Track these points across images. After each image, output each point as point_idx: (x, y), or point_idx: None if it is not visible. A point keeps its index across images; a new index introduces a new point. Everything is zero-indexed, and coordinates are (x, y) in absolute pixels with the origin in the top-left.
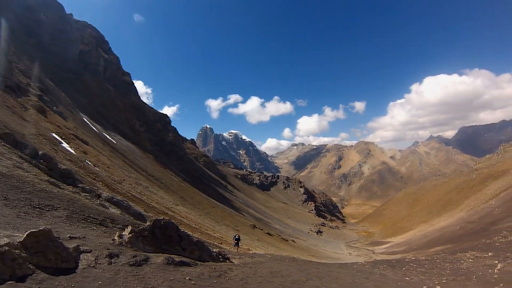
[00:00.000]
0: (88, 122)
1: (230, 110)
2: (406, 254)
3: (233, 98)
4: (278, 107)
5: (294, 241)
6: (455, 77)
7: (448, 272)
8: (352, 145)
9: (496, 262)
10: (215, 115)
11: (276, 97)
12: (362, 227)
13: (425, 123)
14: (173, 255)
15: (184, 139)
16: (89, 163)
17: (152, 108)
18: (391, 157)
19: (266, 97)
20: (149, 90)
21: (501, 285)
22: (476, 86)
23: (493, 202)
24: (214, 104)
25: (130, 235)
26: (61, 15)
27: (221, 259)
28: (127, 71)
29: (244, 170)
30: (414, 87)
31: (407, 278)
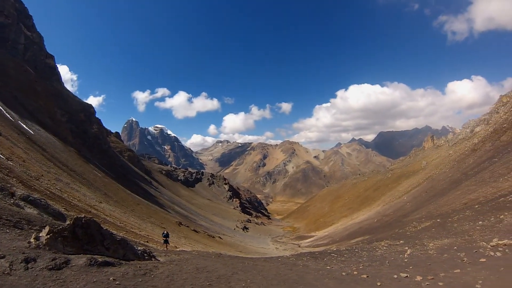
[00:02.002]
0: (1, 108)
1: (157, 103)
2: (329, 246)
3: (161, 91)
4: (205, 103)
5: (220, 238)
6: (377, 87)
7: (364, 259)
8: (277, 144)
9: (406, 248)
10: (141, 108)
11: (204, 93)
12: (287, 222)
13: (348, 126)
14: (96, 256)
15: (109, 132)
16: (1, 156)
17: (76, 97)
18: (315, 157)
19: (194, 92)
20: (74, 77)
21: (410, 267)
22: (394, 97)
23: (405, 198)
24: (142, 97)
25: (48, 236)
26: None
27: (146, 257)
28: (51, 53)
29: (169, 166)
30: (340, 93)
31: (328, 267)
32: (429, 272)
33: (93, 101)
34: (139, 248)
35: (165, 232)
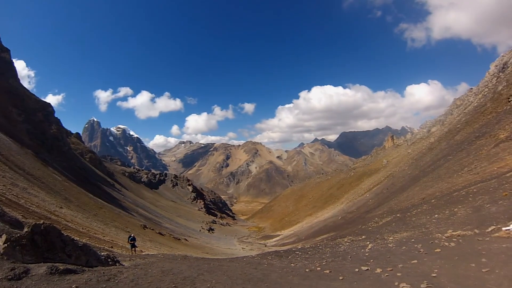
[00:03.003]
0: None
1: (119, 103)
2: (295, 244)
3: (124, 91)
4: (168, 103)
5: (186, 240)
6: (339, 89)
7: (328, 255)
8: (239, 145)
9: (368, 243)
10: (103, 108)
11: (167, 93)
12: (252, 222)
13: (310, 126)
14: (57, 263)
15: (69, 133)
16: None
17: (34, 95)
18: (278, 157)
19: (157, 92)
20: (32, 73)
21: (371, 260)
22: (356, 99)
23: (367, 195)
24: (104, 96)
25: (6, 245)
26: None
27: (110, 263)
28: (7, 47)
29: (132, 167)
30: (303, 94)
31: (292, 264)
32: (389, 264)
33: (52, 99)
34: (102, 253)
35: (131, 236)
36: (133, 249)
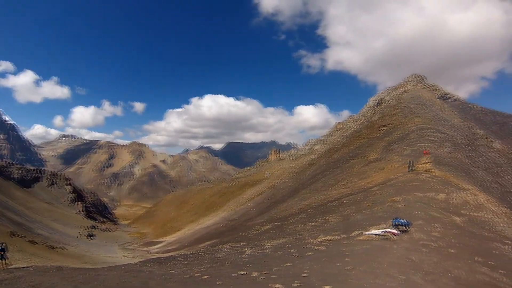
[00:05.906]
0: None
1: None
2: (178, 251)
3: (4, 65)
4: (54, 89)
5: (62, 249)
6: (231, 100)
7: (207, 261)
8: (125, 145)
9: (247, 249)
10: None
11: (55, 78)
12: (134, 228)
13: (198, 133)
14: None
15: None
16: None
17: None
18: (162, 161)
19: (44, 74)
20: None
21: (249, 265)
22: (246, 111)
23: (249, 204)
24: None
25: None
26: None
27: None
28: None
29: (2, 160)
30: (194, 100)
31: (172, 271)
32: (265, 268)
33: None
34: None
35: (2, 245)
36: (2, 261)
